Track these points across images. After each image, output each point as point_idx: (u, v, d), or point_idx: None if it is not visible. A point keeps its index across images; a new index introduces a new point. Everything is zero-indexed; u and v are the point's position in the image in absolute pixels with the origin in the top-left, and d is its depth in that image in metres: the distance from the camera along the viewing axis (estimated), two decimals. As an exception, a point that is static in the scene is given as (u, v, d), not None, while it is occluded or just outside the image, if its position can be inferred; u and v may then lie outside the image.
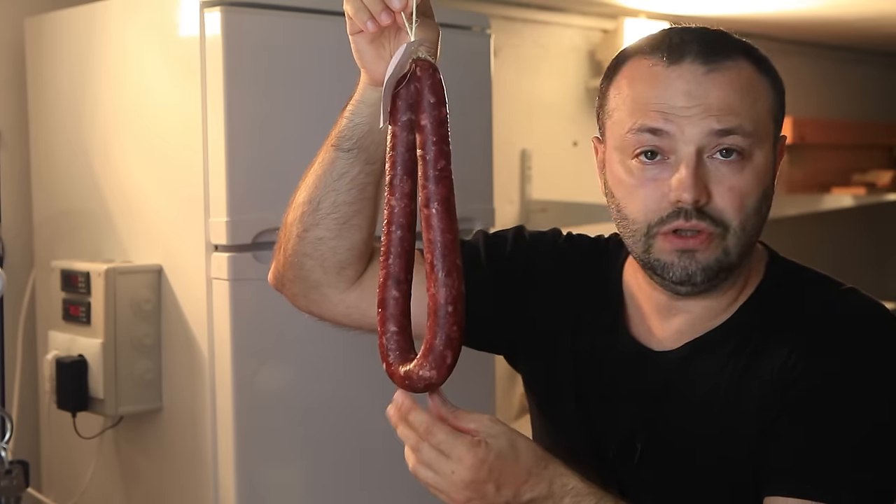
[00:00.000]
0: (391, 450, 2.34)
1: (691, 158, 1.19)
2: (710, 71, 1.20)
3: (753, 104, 1.21)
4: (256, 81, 2.13)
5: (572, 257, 1.42)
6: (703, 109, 1.19)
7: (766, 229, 1.28)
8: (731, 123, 1.19)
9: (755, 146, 1.21)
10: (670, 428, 1.29)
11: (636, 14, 3.97)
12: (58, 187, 2.47)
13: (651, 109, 1.20)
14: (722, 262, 1.22)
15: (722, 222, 1.21)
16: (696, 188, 1.18)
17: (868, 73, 5.48)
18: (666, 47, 1.22)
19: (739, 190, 1.20)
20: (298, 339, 2.20)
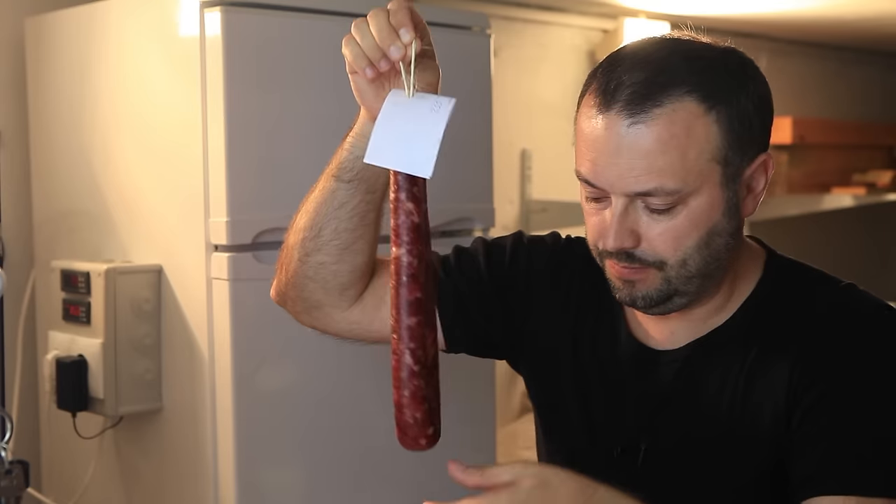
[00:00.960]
0: (391, 449, 2.34)
1: (618, 207, 1.19)
2: (632, 124, 1.15)
3: (682, 156, 1.16)
4: (256, 81, 2.13)
5: (571, 262, 1.42)
6: (625, 167, 1.16)
7: (767, 229, 1.29)
8: (648, 186, 1.16)
9: (687, 196, 1.18)
10: (674, 429, 1.29)
11: (636, 14, 3.97)
12: (58, 187, 2.47)
13: (586, 159, 1.21)
14: (664, 292, 1.22)
15: (656, 260, 1.21)
16: (618, 238, 1.19)
17: (868, 74, 5.48)
18: (602, 91, 1.19)
19: (672, 234, 1.19)
20: (298, 339, 2.19)
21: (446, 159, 2.61)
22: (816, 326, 1.24)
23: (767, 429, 1.23)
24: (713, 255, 1.22)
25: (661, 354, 1.31)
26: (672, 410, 1.29)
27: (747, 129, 1.20)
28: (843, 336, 1.23)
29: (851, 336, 1.23)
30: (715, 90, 1.17)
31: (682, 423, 1.28)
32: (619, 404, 1.33)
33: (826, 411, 1.20)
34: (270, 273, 2.14)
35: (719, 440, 1.26)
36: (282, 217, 2.15)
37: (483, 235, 2.53)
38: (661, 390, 1.30)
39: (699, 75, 1.18)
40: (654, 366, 1.31)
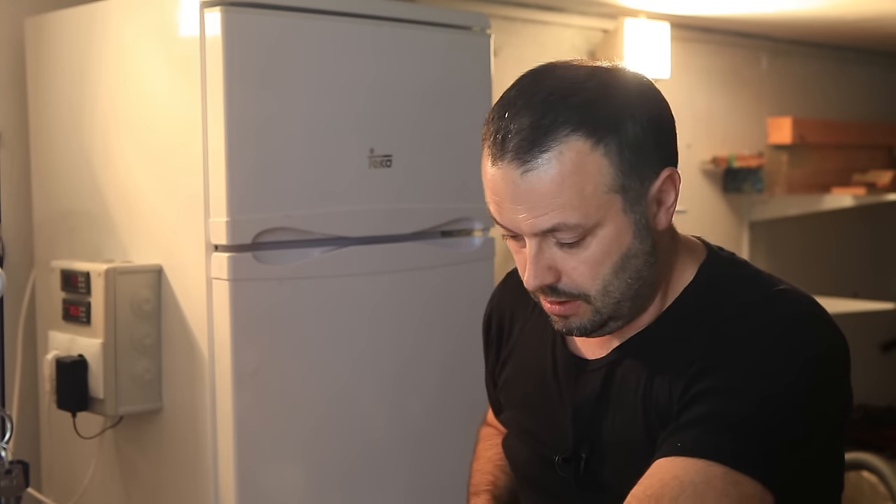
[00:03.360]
0: (391, 449, 2.35)
1: (532, 247, 1.23)
2: (525, 172, 1.19)
3: (579, 193, 1.19)
4: (256, 81, 2.13)
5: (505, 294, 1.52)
6: (526, 211, 1.20)
7: (767, 229, 1.29)
8: (551, 222, 1.20)
9: (593, 228, 1.21)
10: (608, 434, 1.30)
11: (636, 14, 3.97)
12: (58, 187, 2.47)
13: (492, 202, 1.24)
14: (597, 322, 1.26)
15: (579, 293, 1.24)
16: (537, 276, 1.23)
17: (868, 74, 5.47)
18: (493, 141, 1.22)
19: (587, 265, 1.22)
20: (298, 339, 2.20)
21: (446, 159, 2.64)
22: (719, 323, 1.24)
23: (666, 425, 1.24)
24: (633, 277, 1.24)
25: (588, 363, 1.34)
26: (602, 418, 1.31)
27: (640, 153, 1.21)
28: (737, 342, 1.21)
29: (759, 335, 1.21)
30: (597, 125, 1.19)
31: (614, 430, 1.30)
32: (559, 415, 1.36)
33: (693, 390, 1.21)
34: (270, 273, 2.15)
35: (645, 443, 1.26)
36: (282, 217, 2.16)
37: (483, 235, 2.54)
38: (592, 398, 1.32)
39: (580, 113, 1.19)
40: (583, 374, 1.34)
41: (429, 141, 2.40)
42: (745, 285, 1.30)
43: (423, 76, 2.39)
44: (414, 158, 2.36)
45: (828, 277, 4.94)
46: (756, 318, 1.23)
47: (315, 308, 2.21)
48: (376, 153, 2.29)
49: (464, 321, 1.55)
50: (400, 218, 2.35)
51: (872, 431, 4.63)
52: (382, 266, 2.32)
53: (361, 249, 2.28)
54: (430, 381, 2.39)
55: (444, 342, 2.42)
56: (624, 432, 1.29)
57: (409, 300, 2.38)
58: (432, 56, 2.41)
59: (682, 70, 4.29)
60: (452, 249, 2.49)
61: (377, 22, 2.29)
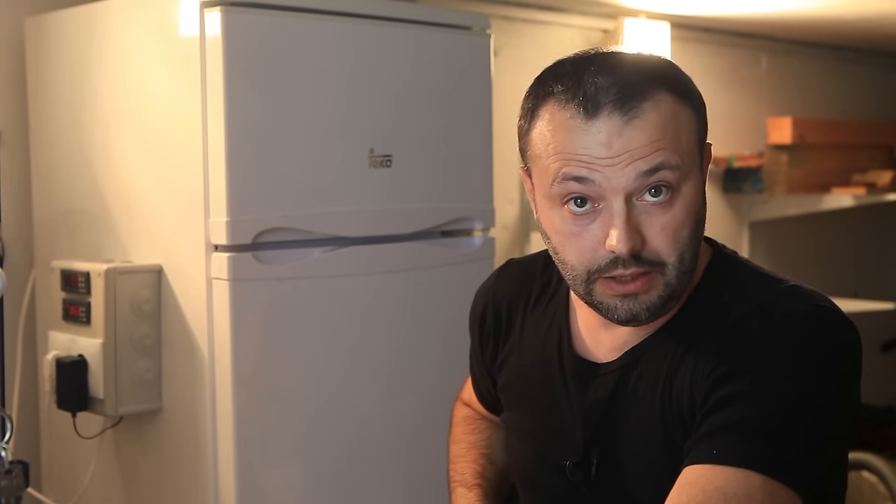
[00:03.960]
0: (391, 450, 2.35)
1: (621, 209, 1.19)
2: (630, 119, 1.18)
3: (677, 136, 1.21)
4: (256, 81, 2.13)
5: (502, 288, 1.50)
6: (628, 156, 1.18)
7: (767, 229, 1.29)
8: (657, 160, 1.19)
9: (683, 178, 1.21)
10: (620, 439, 1.29)
11: (636, 14, 3.97)
12: (58, 187, 2.47)
13: (574, 160, 1.20)
14: (665, 298, 1.24)
15: (659, 262, 1.22)
16: (629, 240, 1.19)
17: (868, 74, 5.47)
18: (581, 98, 1.20)
19: (672, 227, 1.21)
20: (298, 339, 2.20)
21: (446, 159, 2.65)
22: (735, 322, 1.23)
23: (684, 431, 1.23)
24: (697, 245, 1.25)
25: (598, 367, 1.33)
26: (616, 422, 1.30)
27: (703, 123, 1.27)
28: (768, 337, 1.21)
29: (777, 337, 1.21)
30: (678, 84, 1.24)
31: (626, 434, 1.29)
32: (567, 418, 1.34)
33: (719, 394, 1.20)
34: (270, 273, 2.15)
35: (662, 447, 1.25)
36: (282, 217, 2.16)
37: (483, 235, 2.54)
38: (605, 402, 1.31)
39: (659, 74, 1.23)
40: (594, 378, 1.32)
41: (429, 141, 2.40)
42: (756, 283, 1.29)
43: (423, 76, 2.39)
44: (414, 158, 2.36)
45: (828, 277, 4.94)
46: (775, 318, 1.22)
47: (315, 308, 2.21)
48: (376, 153, 2.29)
49: (463, 321, 1.54)
50: (400, 218, 2.35)
51: (872, 431, 4.63)
52: (382, 266, 2.32)
53: (361, 249, 2.28)
54: (429, 381, 2.39)
55: (443, 342, 2.42)
56: (640, 437, 1.27)
57: (409, 300, 2.38)
58: (432, 56, 2.41)
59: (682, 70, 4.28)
60: (452, 249, 2.49)
61: (377, 22, 2.29)
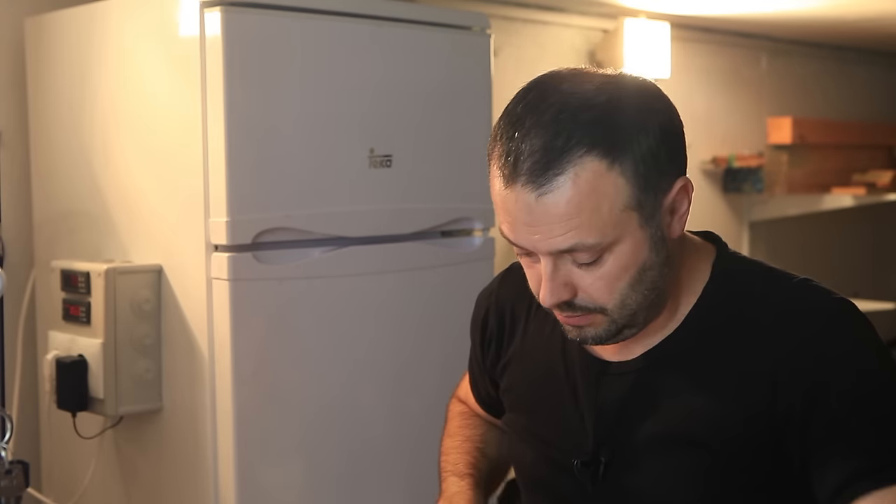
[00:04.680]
0: (390, 450, 2.35)
1: (548, 266, 1.20)
2: (540, 195, 1.15)
3: (595, 212, 1.16)
4: (256, 81, 2.13)
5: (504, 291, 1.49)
6: (543, 232, 1.18)
7: (767, 229, 1.28)
8: (568, 243, 1.17)
9: (609, 245, 1.19)
10: (632, 441, 1.28)
11: (636, 14, 3.97)
12: (58, 187, 2.47)
13: (505, 219, 1.21)
14: (612, 332, 1.24)
15: (596, 307, 1.23)
16: (553, 294, 1.21)
17: (868, 74, 5.48)
18: (503, 162, 1.18)
19: (604, 281, 1.21)
20: (298, 339, 2.20)
21: (446, 159, 2.64)
22: (783, 327, 1.23)
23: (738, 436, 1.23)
24: (650, 288, 1.23)
25: (611, 365, 1.32)
26: (629, 423, 1.29)
27: (654, 167, 1.19)
28: (818, 335, 1.22)
29: (827, 334, 1.22)
30: (612, 144, 1.16)
31: (639, 436, 1.28)
32: (573, 418, 1.33)
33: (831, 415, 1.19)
34: (270, 273, 2.15)
35: (683, 450, 1.25)
36: (282, 217, 2.16)
37: (483, 235, 2.54)
38: (616, 403, 1.30)
39: (592, 132, 1.16)
40: (605, 377, 1.32)
41: (429, 141, 2.40)
42: (770, 281, 1.29)
43: (424, 76, 2.38)
44: (414, 158, 2.36)
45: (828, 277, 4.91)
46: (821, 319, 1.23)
47: (315, 308, 2.21)
48: (376, 153, 2.29)
49: (464, 321, 1.54)
50: (400, 218, 2.35)
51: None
52: (382, 266, 2.32)
53: (361, 249, 2.28)
54: (429, 381, 2.39)
55: (443, 342, 2.42)
56: (658, 439, 1.26)
57: (409, 300, 2.38)
58: (432, 56, 2.41)
59: (682, 70, 4.29)
60: (452, 249, 2.49)
61: (377, 22, 2.29)
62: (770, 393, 1.21)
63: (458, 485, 1.49)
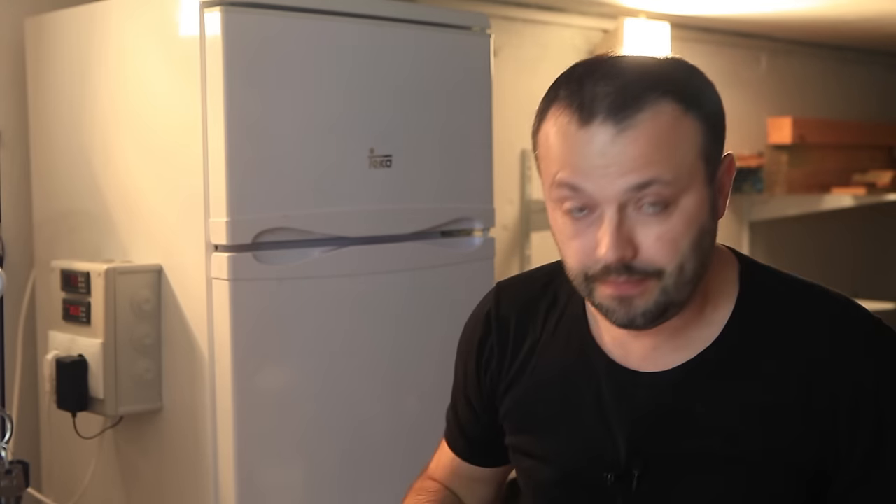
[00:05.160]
0: (391, 449, 2.35)
1: (613, 216, 1.16)
2: (621, 131, 1.15)
3: (674, 151, 1.16)
4: (256, 81, 2.13)
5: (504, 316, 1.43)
6: (618, 169, 1.15)
7: (767, 229, 1.28)
8: (648, 176, 1.15)
9: (681, 192, 1.17)
10: (668, 455, 1.26)
11: (636, 14, 3.97)
12: (58, 187, 2.47)
13: (568, 166, 1.18)
14: (662, 304, 1.20)
15: (654, 270, 1.18)
16: (617, 248, 1.16)
17: (868, 74, 5.48)
18: (578, 105, 1.17)
19: (669, 237, 1.17)
20: (298, 339, 2.20)
21: (446, 159, 2.64)
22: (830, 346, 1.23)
23: (782, 453, 1.22)
24: (703, 258, 1.21)
25: (642, 376, 1.29)
26: (666, 436, 1.26)
27: (716, 128, 1.21)
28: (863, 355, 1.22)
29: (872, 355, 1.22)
30: (687, 91, 1.19)
31: (675, 449, 1.25)
32: (597, 431, 1.30)
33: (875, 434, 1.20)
34: (270, 273, 2.15)
35: (721, 465, 1.24)
36: (282, 217, 2.16)
37: (483, 235, 2.54)
38: (652, 415, 1.27)
39: (667, 80, 1.18)
40: (637, 388, 1.28)
41: (429, 141, 2.40)
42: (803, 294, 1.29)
43: (423, 76, 2.38)
44: (414, 158, 2.36)
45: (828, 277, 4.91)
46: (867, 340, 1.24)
47: (315, 308, 2.21)
48: (376, 153, 2.29)
49: (463, 321, 1.53)
50: (400, 218, 2.35)
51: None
52: (382, 266, 2.32)
53: (361, 249, 2.28)
54: (429, 381, 2.39)
55: (443, 342, 2.41)
56: (695, 453, 1.24)
57: (409, 300, 2.38)
58: (432, 56, 2.41)
59: (682, 70, 4.28)
60: (452, 249, 2.49)
61: (377, 22, 2.29)
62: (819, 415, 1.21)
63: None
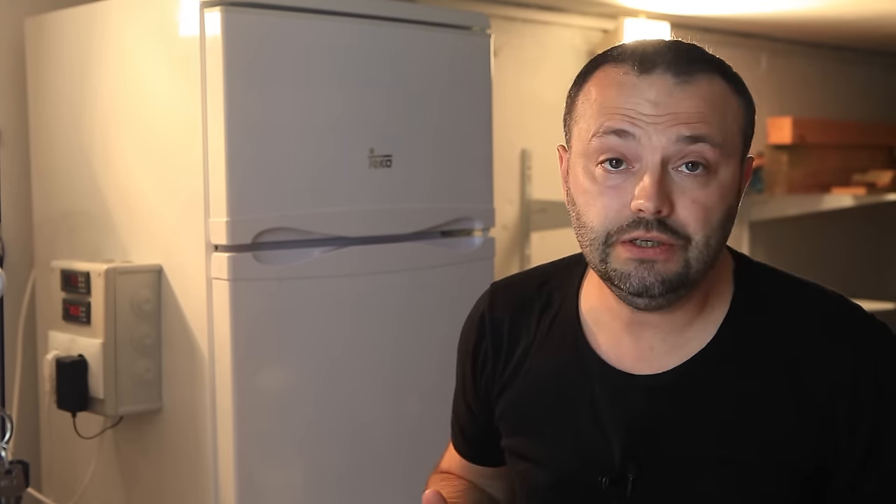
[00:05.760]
0: (391, 449, 2.35)
1: (656, 167, 1.16)
2: (681, 82, 1.17)
3: (724, 117, 1.19)
4: (256, 81, 2.13)
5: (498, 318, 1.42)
6: (672, 117, 1.16)
7: (767, 229, 1.28)
8: (700, 131, 1.16)
9: (722, 160, 1.18)
10: (663, 458, 1.25)
11: (636, 14, 3.97)
12: (58, 187, 2.47)
13: (618, 113, 1.18)
14: (682, 276, 1.19)
15: (684, 234, 1.18)
16: (658, 198, 1.16)
17: (868, 74, 5.48)
18: (638, 57, 1.20)
19: (704, 203, 1.18)
20: (298, 339, 2.20)
21: (446, 159, 2.64)
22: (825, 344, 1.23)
23: (776, 453, 1.21)
24: (724, 239, 1.22)
25: (638, 379, 1.28)
26: (659, 439, 1.25)
27: (751, 124, 1.24)
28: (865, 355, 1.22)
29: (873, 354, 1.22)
30: (736, 78, 1.24)
31: (671, 452, 1.25)
32: (594, 433, 1.29)
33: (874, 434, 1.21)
34: (270, 273, 2.15)
35: (714, 467, 1.23)
36: (281, 217, 2.16)
37: (483, 235, 2.54)
38: (646, 418, 1.26)
39: (718, 61, 1.23)
40: (631, 391, 1.27)
41: (429, 141, 2.40)
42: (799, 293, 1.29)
43: (423, 76, 2.39)
44: (414, 158, 2.36)
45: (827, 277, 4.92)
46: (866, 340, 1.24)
47: (315, 308, 2.21)
48: (376, 153, 2.29)
49: (463, 321, 1.53)
50: (400, 218, 2.36)
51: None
52: (382, 266, 2.32)
53: (361, 249, 2.28)
54: (429, 381, 2.39)
55: (443, 342, 2.41)
56: (690, 456, 1.24)
57: (409, 300, 2.38)
58: (432, 56, 2.41)
59: (682, 70, 4.28)
60: (452, 249, 2.49)
61: (377, 22, 2.29)
62: (815, 413, 1.21)
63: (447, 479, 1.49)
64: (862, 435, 1.21)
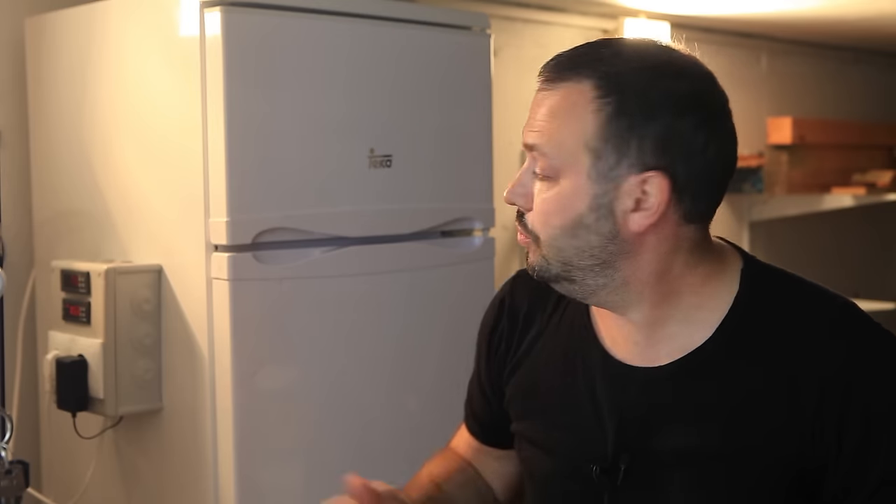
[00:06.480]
0: (391, 449, 2.35)
1: (525, 165, 1.27)
2: (543, 90, 1.25)
3: (561, 128, 1.22)
4: (256, 81, 2.13)
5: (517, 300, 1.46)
6: (528, 124, 1.26)
7: (767, 229, 1.28)
8: (532, 140, 1.24)
9: (559, 171, 1.22)
10: (658, 447, 1.26)
11: (636, 14, 3.97)
12: (58, 187, 2.47)
13: None
14: (544, 269, 1.27)
15: (534, 234, 1.26)
16: (511, 191, 1.27)
17: (868, 73, 5.48)
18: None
19: (543, 207, 1.24)
20: (298, 339, 2.20)
21: (446, 159, 2.64)
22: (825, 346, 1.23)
23: (766, 450, 1.22)
24: (584, 249, 1.23)
25: (636, 371, 1.29)
26: (654, 431, 1.26)
27: (637, 136, 1.19)
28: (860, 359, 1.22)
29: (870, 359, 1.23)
30: (615, 84, 1.20)
31: (667, 443, 1.26)
32: (590, 422, 1.31)
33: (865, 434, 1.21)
34: (270, 273, 2.15)
35: (709, 460, 1.24)
36: (281, 217, 2.16)
37: (483, 235, 2.54)
38: (642, 410, 1.27)
39: (613, 68, 1.21)
40: (630, 382, 1.29)
41: (429, 141, 2.40)
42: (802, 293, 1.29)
43: (423, 76, 2.39)
44: (414, 158, 2.36)
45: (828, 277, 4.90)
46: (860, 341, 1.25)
47: (315, 308, 2.21)
48: (376, 153, 2.29)
49: (464, 321, 1.54)
50: (400, 218, 2.36)
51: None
52: (382, 266, 2.32)
53: (361, 249, 2.28)
54: (429, 381, 2.39)
55: (443, 342, 2.42)
56: (685, 448, 1.25)
57: (409, 300, 2.38)
58: (432, 56, 2.41)
59: (682, 70, 4.28)
60: (452, 249, 2.49)
61: (377, 22, 2.29)
62: (805, 411, 1.21)
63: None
64: (852, 440, 1.21)
